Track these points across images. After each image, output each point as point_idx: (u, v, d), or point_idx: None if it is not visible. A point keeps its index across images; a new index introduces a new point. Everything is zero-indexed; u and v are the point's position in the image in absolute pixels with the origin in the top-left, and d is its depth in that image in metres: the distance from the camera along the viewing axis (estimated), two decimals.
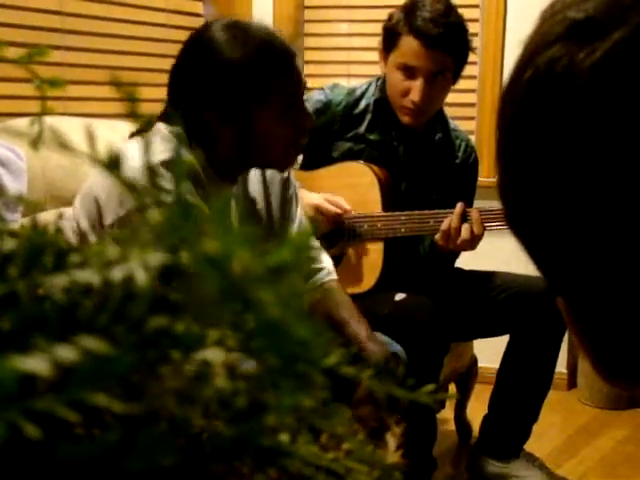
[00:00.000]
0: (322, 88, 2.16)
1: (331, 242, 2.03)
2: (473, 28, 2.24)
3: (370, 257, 2.09)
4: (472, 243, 1.98)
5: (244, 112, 1.43)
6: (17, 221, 1.53)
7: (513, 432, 2.22)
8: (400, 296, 1.98)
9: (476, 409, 2.42)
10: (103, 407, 0.27)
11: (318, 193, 2.05)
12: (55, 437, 0.27)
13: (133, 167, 0.36)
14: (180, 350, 0.32)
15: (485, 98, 3.02)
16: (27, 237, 0.34)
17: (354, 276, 2.07)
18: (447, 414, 2.51)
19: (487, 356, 2.49)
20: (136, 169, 0.35)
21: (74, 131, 0.48)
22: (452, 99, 2.23)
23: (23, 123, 1.67)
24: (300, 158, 2.04)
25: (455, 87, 2.13)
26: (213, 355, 0.32)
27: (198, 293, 0.32)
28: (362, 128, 2.12)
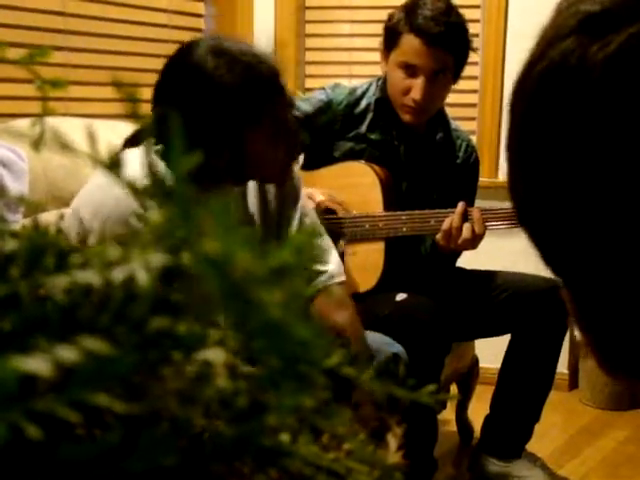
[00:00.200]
0: (323, 88, 2.16)
1: (332, 242, 2.03)
2: (474, 28, 2.25)
3: (371, 257, 2.09)
4: (473, 242, 1.98)
5: (236, 136, 1.41)
6: (18, 222, 1.53)
7: (515, 432, 2.22)
8: (401, 296, 1.98)
9: (477, 409, 2.41)
10: (104, 407, 0.27)
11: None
12: (56, 438, 0.27)
13: (134, 170, 0.36)
14: (181, 350, 0.32)
15: (486, 99, 3.02)
16: (28, 238, 0.34)
17: (355, 276, 2.07)
18: (448, 414, 2.51)
19: (488, 356, 2.49)
20: (136, 173, 0.35)
21: (75, 132, 0.48)
22: (453, 99, 2.23)
23: (24, 124, 1.68)
24: (301, 158, 2.04)
25: (456, 88, 2.13)
26: (214, 355, 0.32)
27: (199, 294, 0.32)
28: (363, 128, 2.12)
